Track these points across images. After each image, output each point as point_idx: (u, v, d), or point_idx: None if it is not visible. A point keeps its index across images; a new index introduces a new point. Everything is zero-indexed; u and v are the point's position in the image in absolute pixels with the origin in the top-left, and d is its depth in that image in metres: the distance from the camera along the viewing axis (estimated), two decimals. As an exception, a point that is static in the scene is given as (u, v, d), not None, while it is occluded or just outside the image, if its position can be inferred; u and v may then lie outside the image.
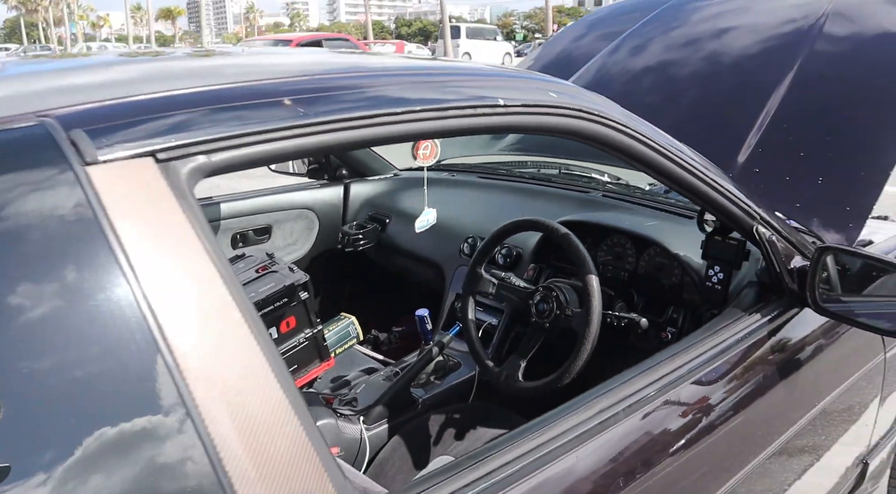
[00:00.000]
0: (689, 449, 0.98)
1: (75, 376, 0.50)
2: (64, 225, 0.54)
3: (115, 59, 1.03)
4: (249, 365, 0.57)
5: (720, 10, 2.31)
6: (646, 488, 0.89)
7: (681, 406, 1.01)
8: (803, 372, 1.25)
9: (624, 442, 0.90)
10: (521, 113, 0.90)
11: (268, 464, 0.55)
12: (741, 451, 1.11)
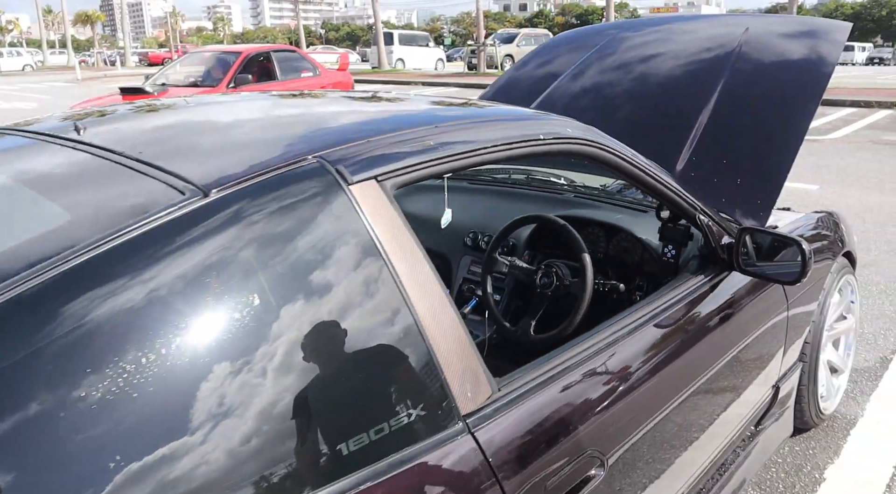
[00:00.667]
0: (649, 375, 1.44)
1: (366, 321, 0.93)
2: (341, 220, 0.96)
3: (341, 103, 1.53)
4: (443, 306, 1.02)
5: (656, 44, 2.86)
6: (619, 396, 1.35)
7: (646, 342, 1.48)
8: (733, 319, 1.75)
9: (606, 367, 1.36)
10: (552, 143, 1.36)
11: (451, 347, 1.00)
12: (687, 375, 1.59)
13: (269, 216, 0.91)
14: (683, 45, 2.81)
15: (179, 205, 0.87)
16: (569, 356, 1.28)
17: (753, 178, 2.14)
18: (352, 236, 0.96)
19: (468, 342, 1.04)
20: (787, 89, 2.37)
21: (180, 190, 0.90)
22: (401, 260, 0.99)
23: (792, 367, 2.11)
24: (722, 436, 1.74)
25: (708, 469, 1.71)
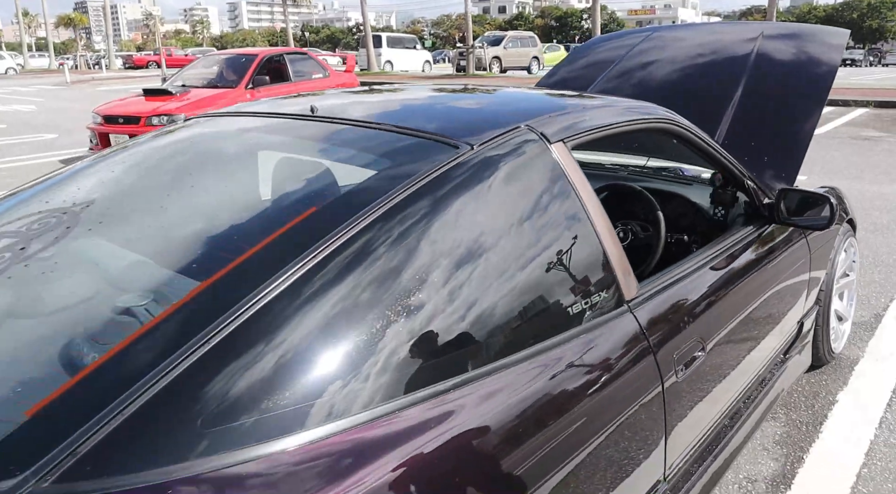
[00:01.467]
0: (717, 299, 1.90)
1: (568, 232, 1.38)
2: (550, 169, 1.42)
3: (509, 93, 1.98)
4: (609, 226, 1.48)
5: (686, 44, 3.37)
6: (703, 308, 1.80)
7: (710, 278, 1.95)
8: (772, 263, 2.22)
9: (691, 289, 1.81)
10: (655, 122, 1.84)
11: (615, 254, 1.47)
12: (741, 302, 2.05)
13: (510, 161, 1.37)
14: (710, 45, 3.32)
15: (460, 155, 1.32)
16: (670, 277, 1.73)
17: (777, 156, 2.64)
18: (555, 177, 1.43)
19: (622, 252, 1.51)
20: (800, 83, 2.88)
21: (454, 145, 1.35)
22: (583, 193, 1.45)
23: (811, 309, 2.61)
24: (763, 357, 2.22)
25: (754, 381, 2.19)
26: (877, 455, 2.34)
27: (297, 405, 0.93)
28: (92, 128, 8.58)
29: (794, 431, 2.50)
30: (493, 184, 1.31)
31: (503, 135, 1.40)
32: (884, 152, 8.58)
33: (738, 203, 2.33)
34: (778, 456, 2.34)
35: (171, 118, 8.07)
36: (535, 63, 29.47)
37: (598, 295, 1.41)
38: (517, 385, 1.17)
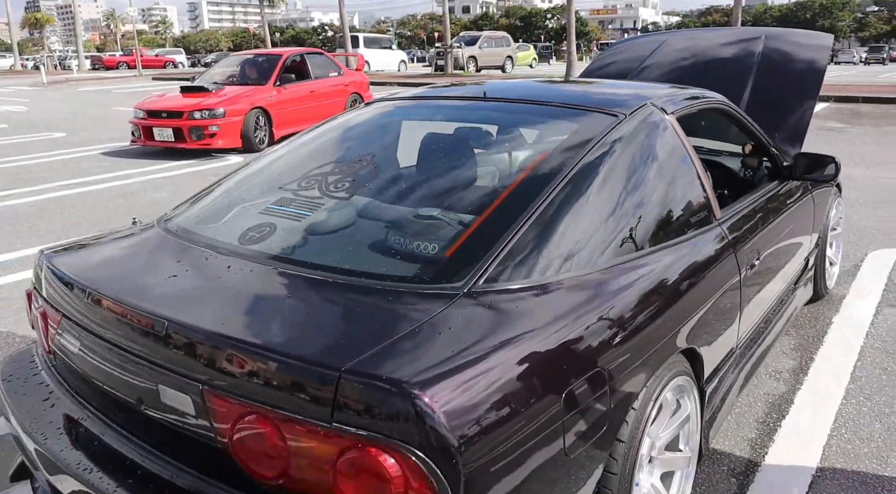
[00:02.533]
0: (758, 231, 2.61)
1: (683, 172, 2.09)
2: (669, 129, 2.12)
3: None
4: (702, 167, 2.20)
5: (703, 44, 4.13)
6: (752, 234, 2.51)
7: (756, 211, 2.62)
8: (790, 209, 2.95)
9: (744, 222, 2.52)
10: (716, 104, 2.56)
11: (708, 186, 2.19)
12: (773, 237, 2.76)
13: (649, 123, 2.07)
14: (720, 46, 4.08)
15: (620, 122, 2.01)
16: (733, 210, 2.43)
17: (784, 134, 3.40)
18: (671, 135, 2.13)
19: (712, 189, 2.22)
20: (798, 75, 3.65)
21: (614, 115, 2.05)
22: (688, 147, 2.17)
23: (813, 250, 3.37)
24: (787, 276, 2.96)
25: (781, 294, 2.92)
26: (867, 356, 3.11)
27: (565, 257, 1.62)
28: (135, 122, 9.39)
29: (803, 342, 3.26)
30: (642, 138, 2.02)
31: (641, 109, 2.10)
32: (846, 141, 9.55)
33: (761, 167, 3.07)
34: (794, 357, 3.10)
35: (212, 112, 9.07)
36: (509, 62, 30.32)
37: (703, 213, 2.12)
38: (670, 258, 1.87)
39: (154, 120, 9.28)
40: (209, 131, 9.11)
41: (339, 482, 1.15)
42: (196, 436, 1.32)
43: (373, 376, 1.14)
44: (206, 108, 9.08)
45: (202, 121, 9.07)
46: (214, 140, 9.16)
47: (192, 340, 1.33)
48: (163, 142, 9.33)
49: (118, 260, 1.85)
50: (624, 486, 1.56)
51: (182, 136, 9.13)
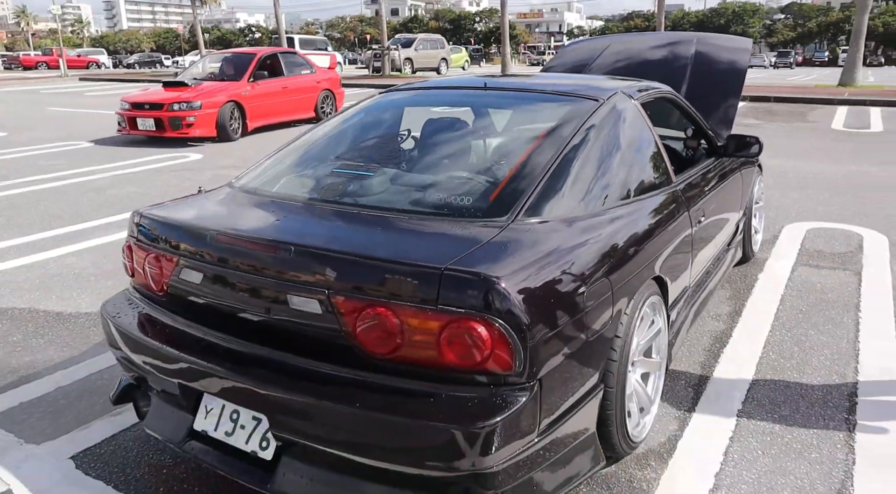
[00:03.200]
0: (705, 191, 3.23)
1: (643, 151, 2.67)
2: (636, 110, 2.67)
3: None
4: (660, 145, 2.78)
5: (647, 45, 4.78)
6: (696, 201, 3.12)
7: (699, 180, 3.23)
8: (725, 182, 3.58)
9: (691, 184, 3.12)
10: (666, 94, 3.15)
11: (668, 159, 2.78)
12: (712, 206, 3.39)
13: (621, 106, 2.63)
14: (661, 47, 4.74)
15: (600, 105, 2.55)
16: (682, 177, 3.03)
17: (717, 121, 4.06)
18: (638, 115, 2.70)
19: (668, 158, 2.80)
20: (726, 71, 4.33)
21: (595, 99, 2.59)
22: (650, 125, 2.74)
23: (742, 216, 4.05)
24: (724, 236, 3.59)
25: (720, 252, 3.56)
26: (786, 301, 3.79)
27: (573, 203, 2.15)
28: (121, 113, 10.50)
29: (736, 292, 3.92)
30: (618, 117, 2.57)
31: (614, 95, 2.66)
32: (764, 135, 10.47)
33: (700, 147, 3.70)
34: (729, 304, 3.75)
35: (189, 104, 10.09)
36: (444, 64, 30.93)
37: (664, 176, 2.70)
38: (644, 207, 2.44)
39: (138, 111, 10.22)
40: (186, 122, 10.01)
41: (442, 348, 1.64)
42: (320, 331, 1.78)
43: (466, 271, 1.64)
44: (183, 101, 10.02)
45: (180, 113, 9.97)
46: (192, 129, 10.06)
47: (318, 258, 1.78)
48: (145, 131, 10.25)
49: (218, 212, 2.27)
50: (622, 371, 2.10)
51: (162, 126, 10.04)
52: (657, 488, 2.20)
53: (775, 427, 2.54)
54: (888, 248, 4.71)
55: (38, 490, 2.21)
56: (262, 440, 1.87)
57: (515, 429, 1.65)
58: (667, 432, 2.51)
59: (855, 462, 2.32)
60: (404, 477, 1.72)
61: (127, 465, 2.34)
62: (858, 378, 2.91)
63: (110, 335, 2.26)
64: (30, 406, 2.75)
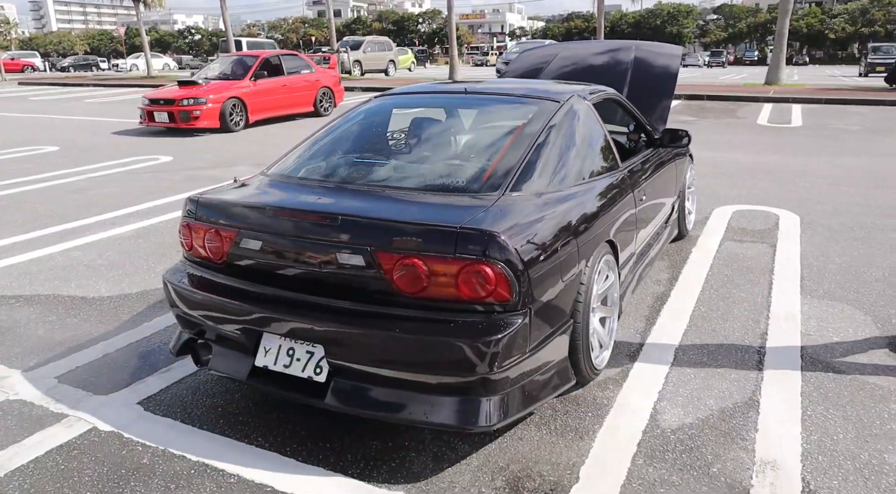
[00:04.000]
0: (638, 185, 3.90)
1: (593, 143, 3.32)
2: (589, 109, 3.32)
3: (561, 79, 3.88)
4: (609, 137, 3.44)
5: (592, 52, 5.48)
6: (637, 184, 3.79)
7: (640, 166, 3.91)
8: (662, 169, 4.26)
9: (634, 169, 3.79)
10: (611, 94, 3.82)
11: (615, 146, 3.45)
12: (652, 189, 4.07)
13: (577, 106, 3.26)
14: (606, 55, 5.44)
15: (560, 106, 3.18)
16: (628, 163, 3.70)
17: (654, 117, 4.77)
18: (591, 112, 3.34)
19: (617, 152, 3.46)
20: (661, 75, 5.05)
21: (557, 101, 3.22)
22: (601, 121, 3.39)
23: (676, 198, 4.77)
24: (661, 216, 4.29)
25: (658, 229, 4.25)
26: (714, 269, 4.52)
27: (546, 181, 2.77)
28: (141, 108, 12.42)
29: (673, 263, 4.63)
30: (576, 115, 3.21)
31: (572, 97, 3.30)
32: (695, 131, 11.43)
33: (640, 140, 4.40)
34: (667, 271, 4.45)
35: (196, 100, 11.89)
36: (392, 66, 31.43)
37: (613, 162, 3.36)
38: (600, 185, 3.08)
39: (155, 106, 12.14)
40: (193, 115, 11.81)
41: (459, 286, 2.23)
42: (364, 278, 2.34)
43: (476, 229, 2.24)
44: (191, 97, 11.89)
45: (189, 107, 11.80)
46: (198, 121, 11.85)
47: (362, 223, 2.36)
48: (161, 123, 12.13)
49: (266, 192, 2.80)
50: (586, 311, 2.73)
51: (174, 119, 11.89)
52: (615, 402, 2.84)
53: (704, 358, 3.23)
54: (799, 225, 5.53)
55: (119, 426, 2.71)
56: (316, 367, 2.43)
57: (512, 345, 2.26)
58: (621, 364, 3.17)
59: (763, 378, 3.02)
60: (430, 386, 2.31)
61: (187, 406, 2.85)
62: (769, 322, 3.63)
63: (172, 298, 2.77)
64: (86, 368, 3.22)
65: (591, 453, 2.49)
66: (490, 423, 2.29)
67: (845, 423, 2.65)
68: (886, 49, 28.94)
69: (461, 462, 2.44)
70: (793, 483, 2.29)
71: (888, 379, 3.00)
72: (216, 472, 2.41)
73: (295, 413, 2.76)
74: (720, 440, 2.56)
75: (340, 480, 2.35)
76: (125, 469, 2.43)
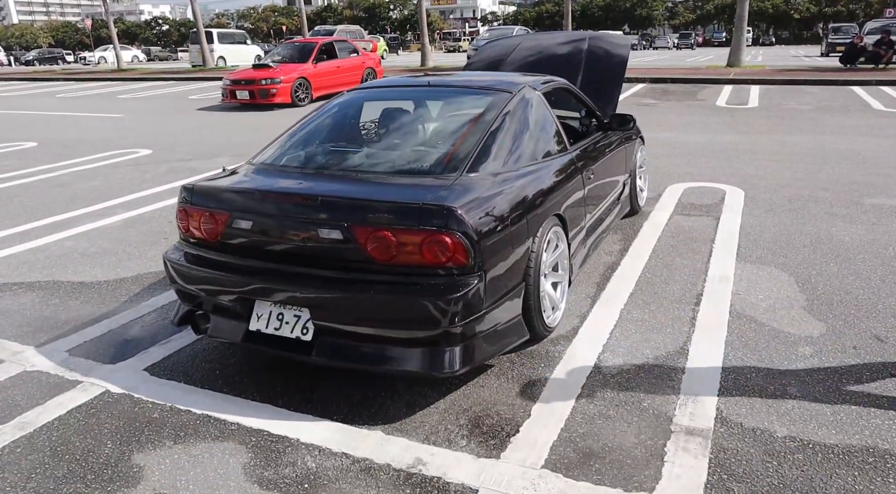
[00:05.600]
0: (591, 164, 4.31)
1: (545, 130, 3.72)
2: (539, 99, 3.72)
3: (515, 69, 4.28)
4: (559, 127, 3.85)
5: (550, 42, 5.88)
6: (588, 166, 4.21)
7: (591, 147, 4.33)
8: (613, 151, 4.68)
9: (584, 150, 4.21)
10: (562, 84, 4.22)
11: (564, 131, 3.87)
12: (604, 169, 4.49)
13: (528, 95, 3.65)
14: (561, 44, 5.85)
15: (513, 96, 3.57)
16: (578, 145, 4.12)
17: (604, 103, 5.19)
18: (541, 101, 3.75)
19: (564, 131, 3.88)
20: (611, 64, 5.47)
21: (508, 92, 3.61)
22: (551, 108, 3.80)
23: (627, 178, 5.20)
24: (612, 193, 4.72)
25: (610, 204, 4.68)
26: (662, 240, 4.97)
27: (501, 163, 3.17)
28: (224, 88, 15.23)
29: (625, 236, 5.07)
30: (526, 104, 3.60)
31: (523, 88, 3.70)
32: (657, 113, 11.97)
33: (591, 124, 4.81)
34: (619, 243, 4.89)
35: (273, 80, 14.54)
36: (364, 54, 31.53)
37: (562, 145, 3.77)
38: (550, 166, 3.49)
39: (236, 86, 14.98)
40: (271, 92, 14.48)
41: (423, 253, 2.63)
42: (342, 250, 2.72)
43: (436, 204, 2.63)
44: (269, 77, 14.61)
45: (267, 86, 14.54)
46: (274, 98, 14.53)
47: (340, 202, 2.74)
48: (242, 100, 14.91)
49: (253, 179, 3.16)
50: (536, 275, 3.14)
51: (254, 95, 14.64)
52: (564, 355, 3.27)
53: (645, 316, 3.67)
54: (742, 199, 6.01)
55: (129, 388, 3.08)
56: (303, 328, 2.81)
57: (469, 303, 2.66)
58: (572, 324, 3.60)
59: (694, 331, 3.47)
60: (402, 340, 2.71)
61: (188, 370, 3.23)
62: (705, 285, 4.08)
63: (172, 275, 3.13)
64: (94, 342, 3.57)
65: (542, 395, 2.91)
66: (453, 369, 2.70)
67: (758, 364, 3.11)
68: (846, 30, 29.72)
69: (430, 407, 2.86)
70: (708, 412, 2.74)
71: (799, 327, 3.47)
72: (218, 421, 2.79)
73: (285, 371, 3.15)
74: (652, 381, 3.00)
75: (327, 424, 2.75)
76: (139, 421, 2.81)
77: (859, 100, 13.32)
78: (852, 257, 4.48)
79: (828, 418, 2.67)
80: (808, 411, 2.71)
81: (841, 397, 2.81)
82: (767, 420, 2.66)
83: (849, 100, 13.21)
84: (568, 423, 2.70)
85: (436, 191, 2.78)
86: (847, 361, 3.11)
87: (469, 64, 6.19)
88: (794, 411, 2.72)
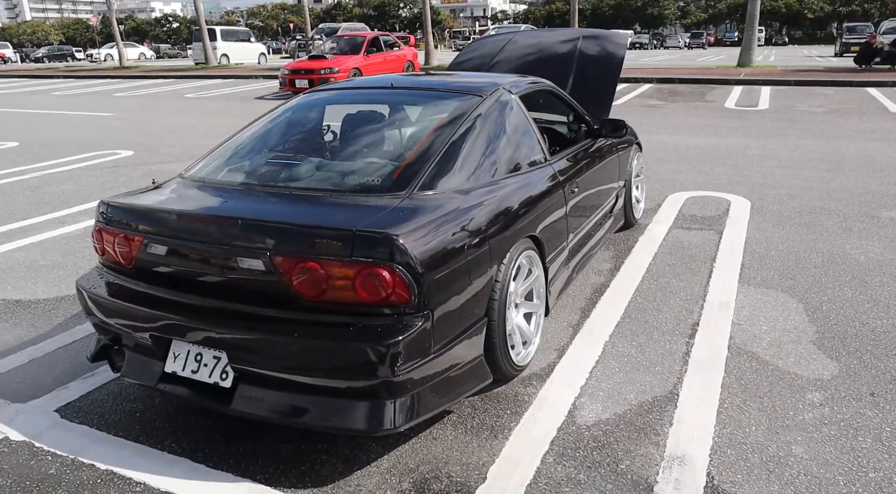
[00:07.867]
0: (580, 172, 3.90)
1: (520, 134, 3.30)
2: (514, 103, 3.28)
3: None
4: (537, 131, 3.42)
5: (540, 41, 5.44)
6: (578, 174, 3.79)
7: (577, 157, 3.92)
8: (604, 159, 4.26)
9: (568, 167, 3.79)
10: (548, 88, 3.79)
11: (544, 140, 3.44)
12: (594, 178, 4.06)
13: (501, 99, 3.23)
14: (551, 43, 5.41)
15: (483, 100, 3.15)
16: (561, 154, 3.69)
17: (596, 106, 4.75)
18: (516, 105, 3.32)
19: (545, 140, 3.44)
20: (605, 64, 5.03)
21: (479, 95, 3.19)
22: (528, 114, 3.37)
23: (621, 188, 4.76)
24: (602, 205, 4.28)
25: (599, 219, 4.24)
26: (658, 257, 4.52)
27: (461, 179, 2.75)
28: (283, 77, 16.82)
29: (618, 252, 4.63)
30: (498, 109, 3.18)
31: (496, 91, 3.27)
32: (662, 115, 11.48)
33: (580, 130, 4.38)
34: (611, 261, 4.46)
35: (332, 69, 16.33)
36: (369, 52, 31.19)
37: (539, 156, 3.34)
38: (521, 181, 3.06)
39: (295, 75, 16.62)
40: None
41: (357, 289, 2.21)
42: (265, 283, 2.31)
43: (373, 231, 2.21)
44: (328, 67, 16.41)
45: (326, 75, 16.13)
46: None
47: (260, 228, 2.32)
48: (301, 88, 15.55)
49: (174, 197, 2.75)
50: (501, 309, 2.72)
51: (314, 84, 15.35)
52: (535, 399, 2.84)
53: (632, 350, 3.23)
54: (748, 211, 5.55)
55: (31, 435, 2.67)
56: (222, 373, 2.40)
57: (414, 347, 2.24)
58: (548, 360, 3.16)
59: (686, 371, 3.03)
60: (334, 390, 2.29)
61: (105, 413, 2.82)
62: (702, 312, 3.64)
63: (87, 304, 2.73)
64: (9, 374, 3.17)
65: (503, 452, 2.49)
66: (395, 426, 2.28)
67: (759, 414, 2.67)
68: (861, 29, 29.03)
69: (371, 465, 2.44)
70: (697, 479, 2.31)
71: (808, 367, 3.02)
72: (123, 480, 2.38)
73: (211, 418, 2.74)
74: (633, 435, 2.57)
75: (248, 486, 2.34)
76: (31, 479, 2.40)
77: (875, 102, 12.79)
78: (869, 280, 4.02)
79: (840, 490, 2.22)
80: (817, 480, 2.27)
81: (857, 460, 2.37)
82: (767, 493, 2.22)
83: (864, 103, 12.67)
84: (529, 491, 2.27)
85: (375, 214, 2.35)
86: (863, 411, 2.67)
87: (453, 63, 5.76)
88: (798, 479, 2.28)
